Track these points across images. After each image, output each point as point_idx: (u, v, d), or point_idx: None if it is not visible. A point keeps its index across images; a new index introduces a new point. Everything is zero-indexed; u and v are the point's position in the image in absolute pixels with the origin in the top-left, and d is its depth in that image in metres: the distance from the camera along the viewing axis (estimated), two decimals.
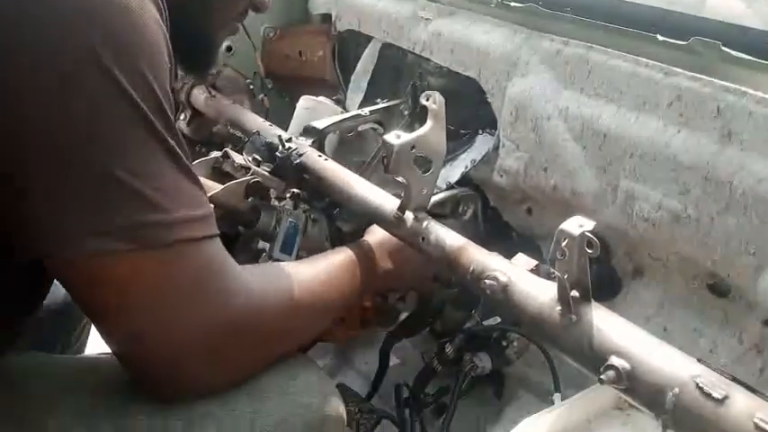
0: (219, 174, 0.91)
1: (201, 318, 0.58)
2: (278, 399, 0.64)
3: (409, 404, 1.00)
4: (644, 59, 0.80)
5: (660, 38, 0.79)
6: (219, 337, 0.60)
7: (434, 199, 0.93)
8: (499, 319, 0.97)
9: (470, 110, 1.01)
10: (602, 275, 0.88)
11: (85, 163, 0.51)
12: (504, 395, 1.05)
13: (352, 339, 1.26)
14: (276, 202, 0.95)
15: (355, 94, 1.22)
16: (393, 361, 1.09)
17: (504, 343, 0.97)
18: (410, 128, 1.08)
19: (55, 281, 0.62)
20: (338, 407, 0.70)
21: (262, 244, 0.96)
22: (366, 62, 1.21)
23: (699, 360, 0.53)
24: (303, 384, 0.67)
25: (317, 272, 0.74)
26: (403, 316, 1.06)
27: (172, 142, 0.55)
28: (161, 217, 0.53)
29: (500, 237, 1.02)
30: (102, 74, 0.50)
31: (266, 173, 0.91)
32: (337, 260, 0.78)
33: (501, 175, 0.97)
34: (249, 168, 0.89)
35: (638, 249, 0.86)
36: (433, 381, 1.02)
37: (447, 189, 1.01)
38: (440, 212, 1.02)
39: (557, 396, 0.85)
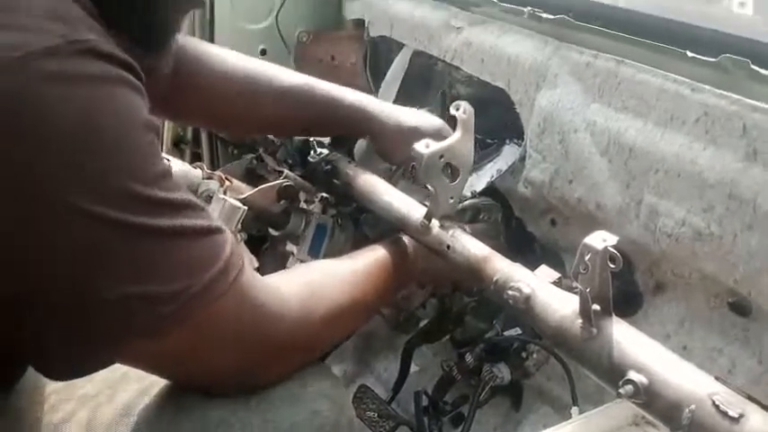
0: (253, 176, 0.94)
1: (247, 350, 0.60)
2: (290, 405, 0.64)
3: (428, 412, 1.02)
4: (672, 75, 0.81)
5: (690, 54, 0.80)
6: (262, 360, 0.62)
7: None
8: (520, 331, 0.98)
9: (498, 119, 1.02)
10: (624, 290, 0.89)
11: (90, 292, 0.49)
12: (522, 407, 1.06)
13: (372, 345, 1.28)
14: (305, 206, 0.97)
15: (385, 100, 1.23)
16: (412, 368, 1.11)
17: (524, 355, 0.98)
18: None
19: None
20: (350, 413, 0.71)
21: (290, 246, 0.99)
22: (397, 69, 1.23)
23: (716, 378, 0.54)
24: (315, 391, 0.67)
25: (356, 273, 0.74)
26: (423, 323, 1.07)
27: (173, 222, 0.51)
28: (187, 296, 0.52)
29: (523, 248, 1.03)
30: (70, 212, 0.46)
31: (298, 177, 0.94)
32: (373, 259, 0.78)
33: (526, 186, 0.98)
34: (282, 172, 0.92)
35: (661, 265, 0.86)
36: (452, 389, 1.03)
37: (470, 198, 1.03)
38: (459, 220, 1.04)
39: (574, 410, 0.86)
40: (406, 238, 0.84)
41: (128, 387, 0.65)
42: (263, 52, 1.33)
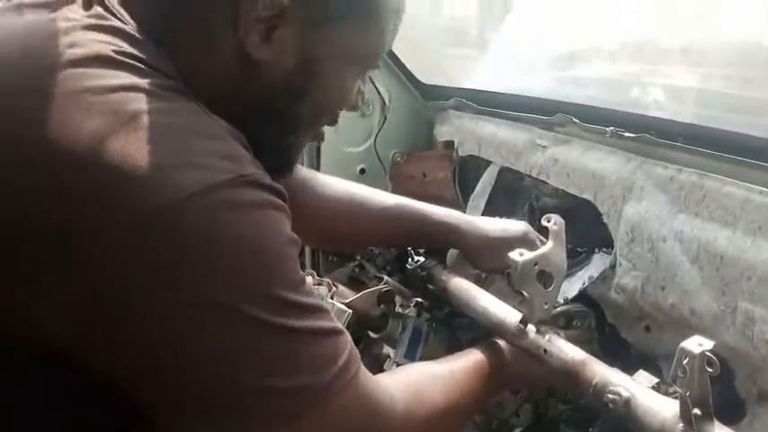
0: (356, 282, 1.02)
1: None
2: None
3: None
4: (757, 187, 0.84)
5: None
6: None
7: None
8: None
9: (586, 229, 1.07)
10: (725, 398, 0.88)
11: (229, 383, 0.54)
12: None
13: None
14: (400, 309, 1.04)
15: (473, 212, 1.31)
16: None
17: None
18: None
19: None
20: None
21: (386, 349, 1.05)
22: (485, 183, 1.31)
23: None
24: None
25: (454, 376, 0.78)
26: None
27: (308, 322, 0.57)
28: (315, 388, 0.57)
29: (618, 354, 1.04)
30: (225, 312, 0.53)
31: (396, 283, 1.01)
32: (472, 362, 0.81)
33: (618, 293, 1.01)
34: (381, 278, 1.00)
35: (762, 372, 0.85)
36: None
37: (562, 305, 1.06)
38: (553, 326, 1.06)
39: None
40: (501, 342, 0.88)
41: None
42: (362, 171, 1.48)
